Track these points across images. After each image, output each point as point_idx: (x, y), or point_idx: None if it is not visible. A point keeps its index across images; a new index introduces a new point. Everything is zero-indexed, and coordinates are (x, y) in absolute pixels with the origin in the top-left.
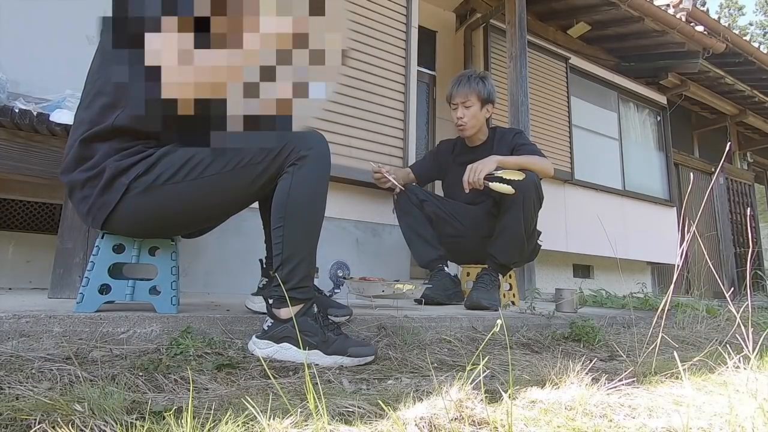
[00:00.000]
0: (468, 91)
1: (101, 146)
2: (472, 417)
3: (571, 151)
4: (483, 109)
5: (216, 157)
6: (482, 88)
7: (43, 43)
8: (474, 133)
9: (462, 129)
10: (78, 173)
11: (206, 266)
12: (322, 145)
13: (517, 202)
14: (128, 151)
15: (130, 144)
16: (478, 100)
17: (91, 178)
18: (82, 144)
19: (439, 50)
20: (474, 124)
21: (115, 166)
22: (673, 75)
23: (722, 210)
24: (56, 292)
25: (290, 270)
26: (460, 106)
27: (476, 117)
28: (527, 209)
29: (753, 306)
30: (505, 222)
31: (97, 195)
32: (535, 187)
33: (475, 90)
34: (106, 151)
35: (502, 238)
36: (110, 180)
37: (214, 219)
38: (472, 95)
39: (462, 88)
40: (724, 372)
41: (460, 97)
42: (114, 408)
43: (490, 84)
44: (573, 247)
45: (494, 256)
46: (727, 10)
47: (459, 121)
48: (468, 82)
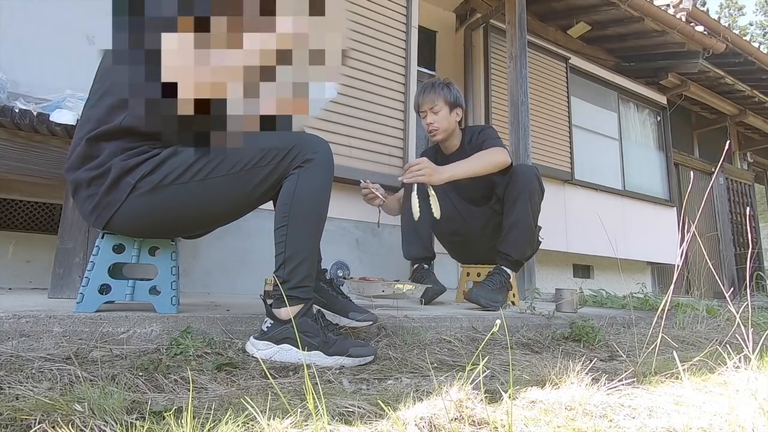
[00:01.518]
0: (434, 97)
1: (107, 145)
2: (472, 417)
3: (571, 151)
4: (452, 113)
5: (223, 158)
6: (447, 93)
7: (43, 43)
8: (447, 138)
9: (434, 134)
10: (83, 171)
11: (206, 266)
12: (327, 150)
13: (523, 195)
14: (134, 151)
15: (136, 144)
16: (445, 104)
17: (97, 177)
18: (88, 143)
19: (439, 50)
20: (446, 128)
21: (122, 165)
22: (673, 75)
23: (722, 210)
24: (56, 292)
25: (292, 269)
26: (429, 112)
27: (447, 120)
28: (534, 202)
29: (753, 306)
30: (515, 217)
31: (102, 194)
32: (537, 179)
33: (441, 95)
34: (112, 150)
35: (514, 233)
36: (116, 179)
37: (217, 221)
38: (439, 100)
39: (428, 94)
40: (724, 372)
41: (428, 104)
42: (114, 408)
43: (455, 89)
44: (573, 247)
45: (506, 253)
46: (727, 10)
47: (430, 127)
48: (433, 88)
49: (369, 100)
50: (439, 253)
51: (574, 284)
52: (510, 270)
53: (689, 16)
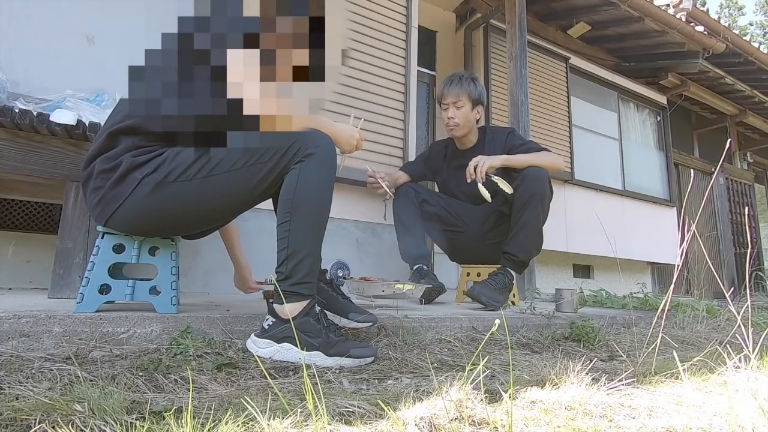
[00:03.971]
0: (459, 91)
1: (125, 139)
2: (472, 417)
3: (571, 151)
4: (474, 110)
5: (225, 155)
6: (473, 89)
7: (43, 43)
8: (464, 134)
9: (452, 129)
10: (98, 162)
11: (206, 266)
12: (328, 144)
13: (536, 198)
14: (146, 149)
15: (150, 144)
16: (469, 101)
17: (107, 170)
18: (109, 136)
19: (439, 50)
20: (465, 125)
21: (131, 161)
22: (673, 75)
23: (722, 210)
24: (56, 292)
25: (295, 264)
26: (451, 106)
27: (467, 117)
28: (544, 206)
29: (753, 306)
30: (525, 218)
31: (109, 187)
32: (549, 182)
33: (466, 90)
34: (126, 146)
35: (522, 234)
36: (124, 173)
37: (220, 218)
38: (464, 95)
39: (453, 87)
40: (724, 372)
41: (452, 97)
42: (114, 408)
43: (480, 85)
44: (573, 247)
45: (513, 253)
46: (727, 10)
47: (450, 122)
48: (459, 82)
49: (369, 100)
50: (438, 253)
51: (574, 284)
52: (514, 271)
53: (689, 16)
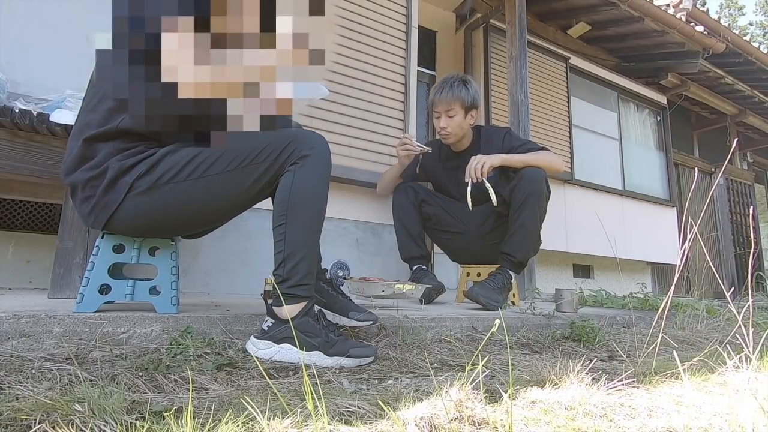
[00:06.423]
0: (451, 99)
1: (104, 146)
2: (472, 417)
3: (571, 151)
4: (467, 116)
5: (219, 156)
6: (466, 95)
7: (43, 43)
8: (458, 140)
9: (446, 138)
10: (80, 173)
11: (206, 266)
12: (324, 146)
13: (533, 198)
14: (130, 151)
15: (132, 144)
16: (461, 108)
17: (94, 178)
18: (85, 143)
19: (439, 50)
20: (458, 133)
21: (118, 165)
22: (673, 75)
23: (722, 210)
24: (56, 292)
25: (292, 267)
26: (443, 115)
27: (460, 126)
28: (542, 205)
29: (753, 306)
30: (522, 219)
31: (100, 195)
32: (546, 182)
33: (458, 97)
34: (108, 151)
35: (520, 234)
36: (113, 179)
37: (216, 220)
38: (456, 103)
39: (445, 95)
40: (724, 372)
41: (443, 105)
42: (114, 408)
43: (473, 88)
44: (573, 247)
45: (510, 254)
46: (727, 10)
47: (442, 131)
48: (450, 88)
49: (369, 100)
50: (438, 253)
51: (574, 284)
52: (512, 272)
53: (689, 16)
